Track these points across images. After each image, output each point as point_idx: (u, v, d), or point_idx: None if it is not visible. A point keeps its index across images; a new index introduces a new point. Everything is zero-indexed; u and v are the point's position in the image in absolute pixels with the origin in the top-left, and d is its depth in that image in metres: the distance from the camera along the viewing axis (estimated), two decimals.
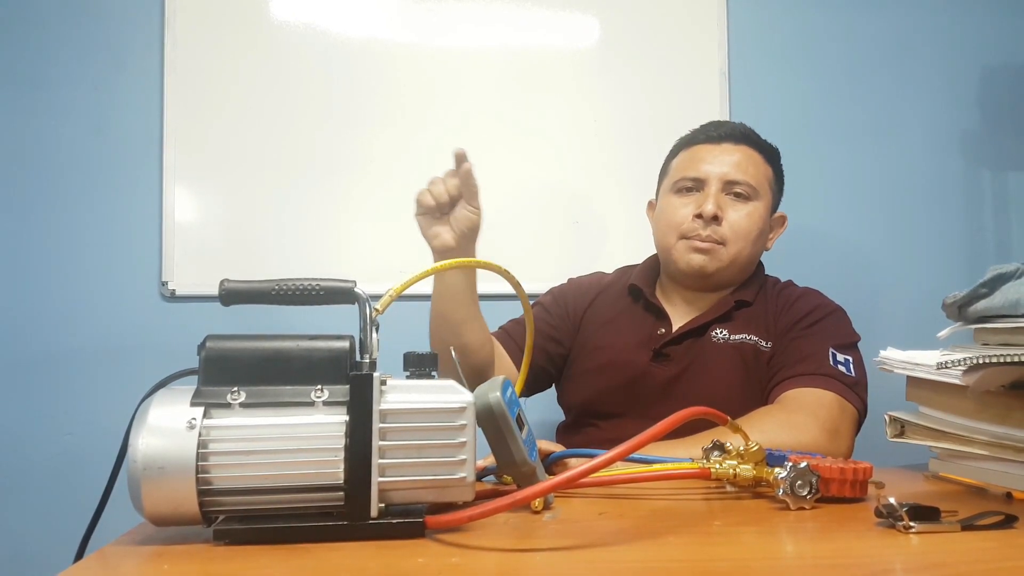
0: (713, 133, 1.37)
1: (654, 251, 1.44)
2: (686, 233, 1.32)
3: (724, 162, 1.33)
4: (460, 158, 1.16)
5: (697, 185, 1.34)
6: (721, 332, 1.31)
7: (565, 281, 1.51)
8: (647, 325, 1.36)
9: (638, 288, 1.39)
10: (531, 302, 0.90)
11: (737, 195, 1.32)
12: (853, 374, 1.22)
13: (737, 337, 1.30)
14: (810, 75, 2.00)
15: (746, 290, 1.35)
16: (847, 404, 1.18)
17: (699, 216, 1.31)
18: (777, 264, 1.46)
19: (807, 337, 1.27)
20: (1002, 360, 0.81)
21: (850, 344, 1.28)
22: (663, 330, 1.34)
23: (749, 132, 1.38)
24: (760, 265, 1.42)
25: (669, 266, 1.38)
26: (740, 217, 1.32)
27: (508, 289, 0.90)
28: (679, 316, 1.36)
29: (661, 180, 1.44)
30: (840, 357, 1.23)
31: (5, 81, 1.82)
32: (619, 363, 1.32)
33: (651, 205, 1.46)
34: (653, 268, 1.45)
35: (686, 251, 1.32)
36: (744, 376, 1.28)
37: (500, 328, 1.42)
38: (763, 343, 1.29)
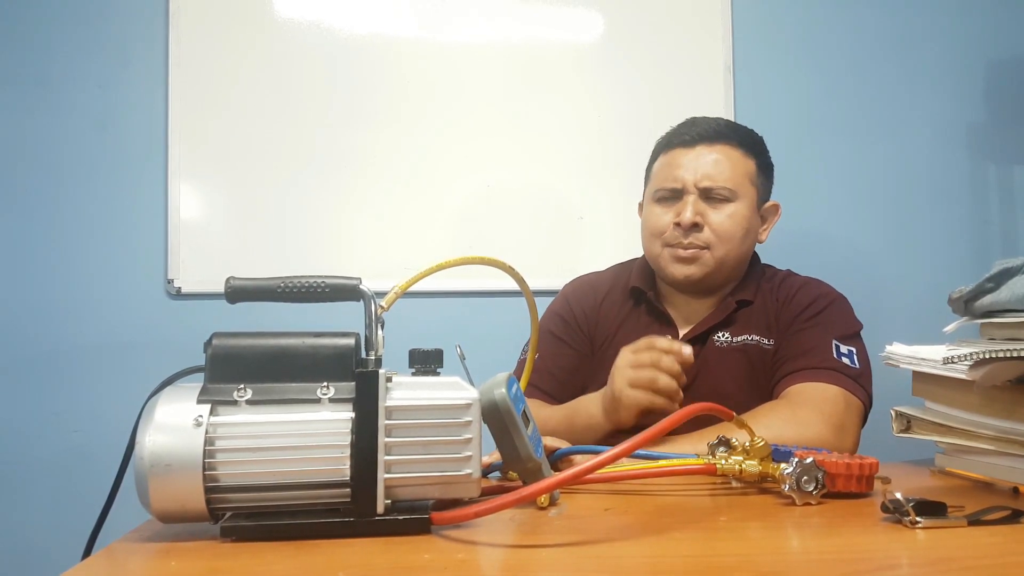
0: (686, 136, 1.33)
1: None
2: (668, 242, 1.31)
3: (699, 167, 1.30)
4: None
5: (675, 194, 1.31)
6: (723, 336, 1.30)
7: (563, 289, 1.47)
8: (652, 332, 1.34)
9: (640, 291, 1.38)
10: (536, 304, 0.90)
11: (716, 199, 1.30)
12: (857, 366, 1.21)
13: (739, 339, 1.29)
14: (814, 70, 2.00)
15: (745, 289, 1.34)
16: (852, 398, 1.18)
17: (679, 224, 1.29)
18: (781, 260, 1.45)
19: (810, 329, 1.27)
20: (1008, 355, 0.81)
21: (853, 334, 1.27)
22: (669, 337, 1.32)
23: (723, 129, 1.34)
24: (755, 258, 1.41)
25: (659, 273, 1.37)
26: (722, 220, 1.29)
27: (513, 286, 0.90)
28: (683, 320, 1.35)
29: (645, 184, 1.42)
30: (843, 349, 1.23)
31: (10, 79, 1.83)
32: None
33: (640, 207, 1.44)
34: (651, 267, 1.44)
35: (671, 261, 1.31)
36: (750, 377, 1.27)
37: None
38: (766, 341, 1.29)
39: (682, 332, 1.33)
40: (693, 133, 1.33)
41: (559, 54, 1.94)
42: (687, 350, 1.10)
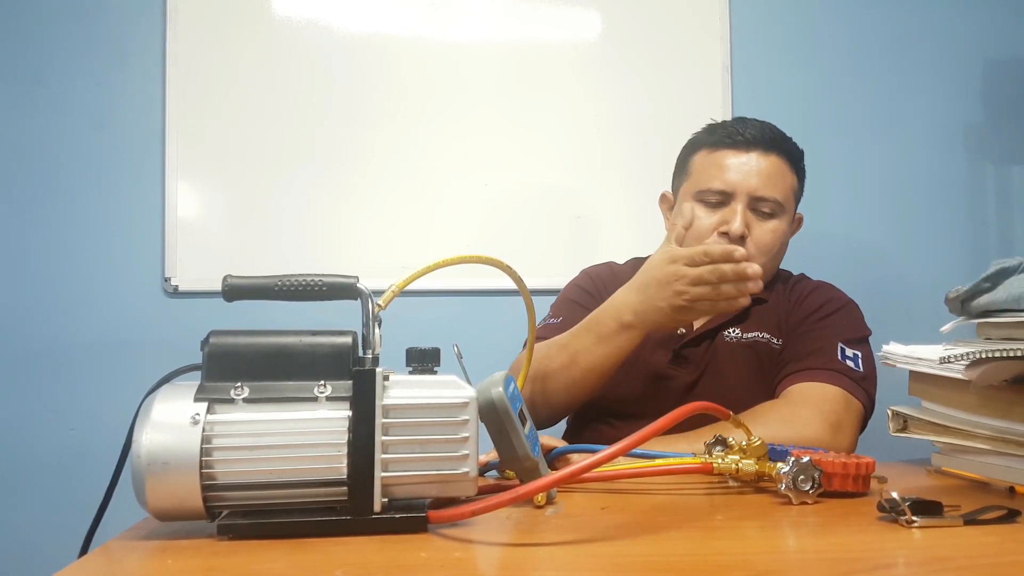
0: (739, 138, 1.29)
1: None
2: None
3: (752, 175, 1.27)
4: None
5: (724, 198, 1.28)
6: (734, 331, 1.30)
7: (583, 270, 1.47)
8: None
9: None
10: (534, 302, 0.90)
11: (763, 212, 1.28)
12: (861, 369, 1.21)
13: (749, 335, 1.29)
14: (812, 69, 2.00)
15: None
16: (852, 399, 1.17)
17: (724, 233, 1.26)
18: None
19: (817, 331, 1.27)
20: (1005, 355, 0.81)
21: (860, 339, 1.27)
22: (683, 330, 1.32)
23: (777, 136, 1.31)
24: None
25: None
26: (764, 234, 1.27)
27: (510, 285, 0.90)
28: None
29: (679, 176, 1.38)
30: (849, 352, 1.22)
31: (7, 77, 1.82)
32: (638, 363, 1.30)
33: (664, 198, 1.42)
34: None
35: None
36: (758, 374, 1.27)
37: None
38: (774, 340, 1.29)
39: (695, 325, 1.33)
40: (748, 136, 1.29)
41: (557, 53, 1.94)
42: (753, 269, 1.03)
